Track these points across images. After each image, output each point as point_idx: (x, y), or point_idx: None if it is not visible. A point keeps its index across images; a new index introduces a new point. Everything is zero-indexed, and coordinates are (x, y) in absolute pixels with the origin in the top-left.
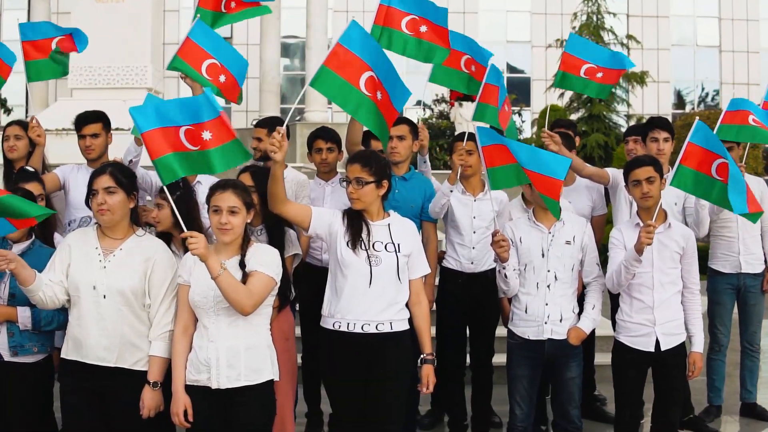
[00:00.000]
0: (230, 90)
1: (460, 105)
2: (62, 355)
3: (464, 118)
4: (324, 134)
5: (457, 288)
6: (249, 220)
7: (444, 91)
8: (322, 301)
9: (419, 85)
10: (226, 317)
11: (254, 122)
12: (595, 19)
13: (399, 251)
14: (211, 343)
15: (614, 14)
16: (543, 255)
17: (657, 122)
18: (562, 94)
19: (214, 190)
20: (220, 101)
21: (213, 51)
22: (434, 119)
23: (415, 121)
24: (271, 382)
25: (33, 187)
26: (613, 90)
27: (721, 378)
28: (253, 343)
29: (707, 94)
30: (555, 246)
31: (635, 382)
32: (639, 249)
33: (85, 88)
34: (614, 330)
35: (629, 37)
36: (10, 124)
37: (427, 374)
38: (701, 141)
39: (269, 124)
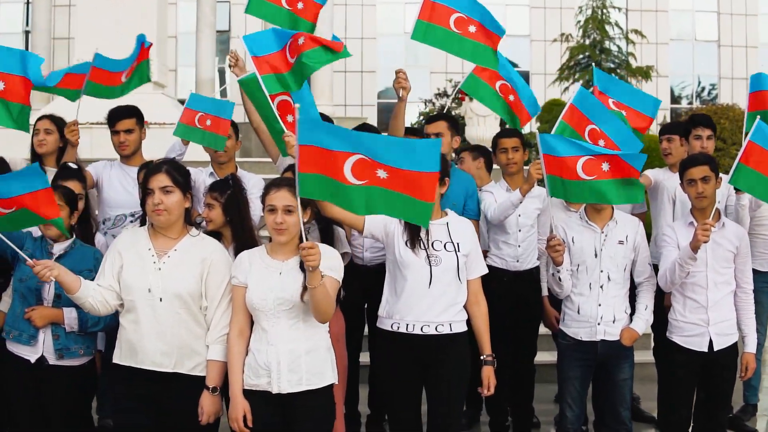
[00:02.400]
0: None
1: (471, 99)
2: (115, 361)
3: (475, 112)
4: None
5: (501, 286)
6: (306, 219)
7: (445, 86)
8: (366, 301)
9: (420, 80)
10: (287, 320)
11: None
12: (600, 13)
13: (459, 251)
14: (270, 346)
15: (619, 9)
16: (596, 255)
17: (700, 120)
18: (566, 89)
19: (268, 188)
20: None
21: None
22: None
23: (417, 117)
24: (331, 386)
25: (74, 186)
26: None
27: (757, 376)
28: (314, 345)
29: (703, 89)
30: (608, 246)
31: (689, 383)
32: (695, 247)
33: None
34: (653, 329)
35: (634, 31)
36: (41, 118)
37: (488, 376)
38: (761, 140)
39: None
